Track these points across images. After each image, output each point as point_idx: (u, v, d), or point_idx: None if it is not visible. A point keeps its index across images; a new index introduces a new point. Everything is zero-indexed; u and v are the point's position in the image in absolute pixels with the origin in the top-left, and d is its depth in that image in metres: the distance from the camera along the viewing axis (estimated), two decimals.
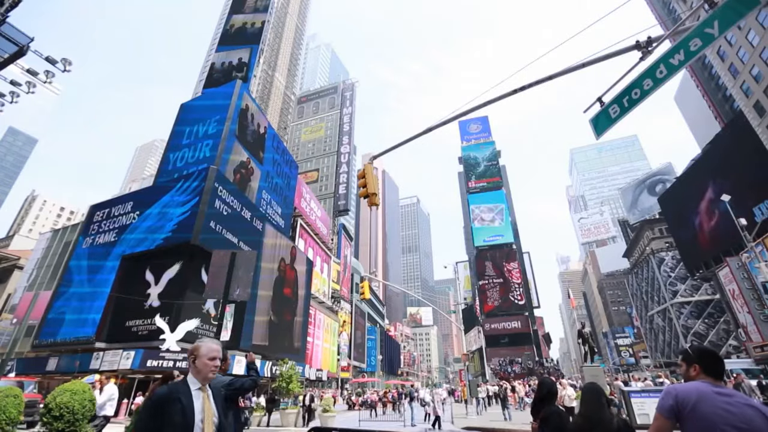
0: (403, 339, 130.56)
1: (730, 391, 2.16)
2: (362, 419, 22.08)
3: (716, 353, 2.41)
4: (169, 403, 2.27)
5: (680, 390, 2.22)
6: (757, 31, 37.89)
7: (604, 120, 6.16)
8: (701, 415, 2.07)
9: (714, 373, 2.29)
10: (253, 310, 26.83)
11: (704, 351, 2.41)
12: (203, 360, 2.47)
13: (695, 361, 2.37)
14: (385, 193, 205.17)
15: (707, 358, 2.35)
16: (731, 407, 2.04)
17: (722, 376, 2.29)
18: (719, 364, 2.31)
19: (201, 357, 2.48)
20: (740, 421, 1.98)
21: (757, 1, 5.14)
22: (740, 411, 2.02)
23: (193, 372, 2.48)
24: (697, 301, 56.62)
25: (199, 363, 2.47)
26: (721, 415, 2.02)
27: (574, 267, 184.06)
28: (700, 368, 2.33)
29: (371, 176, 8.98)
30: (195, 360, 2.47)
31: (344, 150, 77.80)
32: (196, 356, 2.48)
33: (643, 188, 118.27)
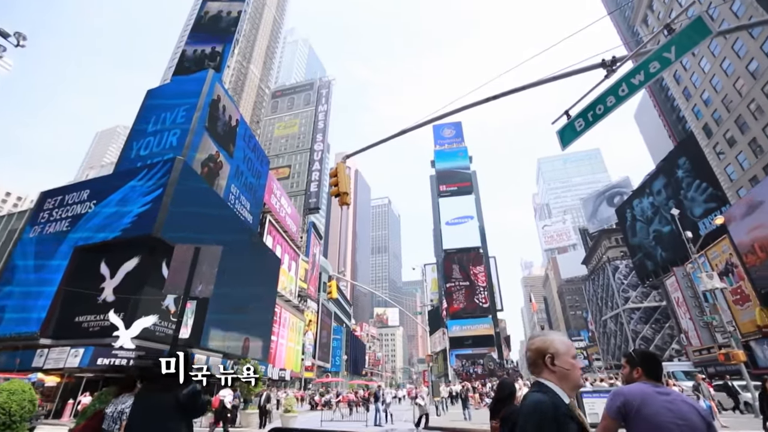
0: (369, 339, 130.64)
1: (669, 390, 2.34)
2: (324, 419, 21.91)
3: (656, 356, 2.59)
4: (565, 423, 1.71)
5: (627, 392, 2.36)
6: (708, 58, 40.82)
7: (570, 132, 6.43)
8: (646, 416, 2.21)
9: (654, 375, 2.46)
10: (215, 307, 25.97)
11: (646, 354, 2.58)
12: (567, 360, 1.86)
13: (638, 364, 2.53)
14: (356, 193, 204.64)
15: (648, 361, 2.51)
16: (671, 405, 2.21)
17: (661, 378, 2.47)
18: (659, 367, 2.49)
19: (562, 356, 1.86)
20: (678, 417, 2.15)
21: (709, 31, 5.54)
22: (678, 408, 2.20)
23: (553, 378, 1.84)
24: (646, 307, 60.24)
25: (565, 363, 1.84)
26: (665, 414, 2.18)
27: (536, 272, 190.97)
28: (642, 371, 2.50)
29: (344, 175, 8.94)
30: (554, 360, 1.85)
31: (318, 147, 76.96)
32: (554, 356, 1.85)
33: (603, 199, 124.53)
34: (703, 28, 5.46)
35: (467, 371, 52.20)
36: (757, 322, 33.18)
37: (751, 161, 36.17)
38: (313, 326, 54.55)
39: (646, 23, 52.43)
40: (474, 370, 52.54)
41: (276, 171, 70.05)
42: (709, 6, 36.96)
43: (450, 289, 67.70)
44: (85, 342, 18.87)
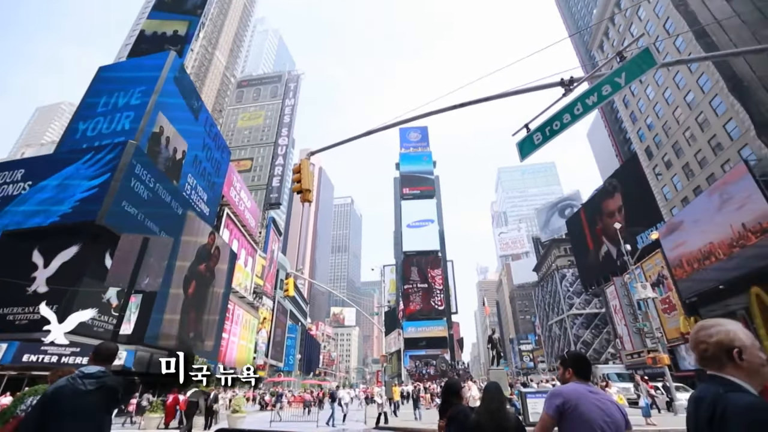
0: (324, 339, 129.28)
1: (598, 389, 2.61)
2: (274, 420, 21.42)
3: (586, 358, 2.82)
4: None
5: (566, 392, 2.56)
6: (653, 87, 44.38)
7: (528, 145, 6.76)
8: (581, 413, 2.41)
9: (584, 375, 2.68)
10: (162, 306, 24.60)
11: (576, 356, 2.79)
12: (756, 353, 1.57)
13: (570, 365, 2.74)
14: (320, 191, 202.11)
15: (579, 362, 2.73)
16: (600, 404, 2.44)
17: (590, 378, 2.70)
18: (588, 368, 2.72)
19: (749, 348, 1.58)
20: (606, 415, 2.39)
21: (655, 62, 6.05)
22: (605, 407, 2.44)
23: (742, 375, 1.56)
24: (587, 313, 64.34)
25: (755, 357, 1.56)
26: (596, 412, 2.40)
27: (491, 277, 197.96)
28: (573, 371, 2.71)
29: (307, 172, 8.83)
30: (742, 355, 1.55)
31: (282, 142, 75.19)
32: (741, 349, 1.56)
33: (555, 210, 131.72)
34: (650, 59, 5.95)
35: (420, 372, 53.10)
36: (680, 329, 36.48)
37: (684, 183, 39.77)
38: (268, 324, 53.17)
39: (601, 49, 56.15)
40: (427, 371, 53.54)
41: (237, 163, 67.67)
42: (656, 39, 40.25)
43: (407, 290, 68.59)
44: (10, 336, 17.21)
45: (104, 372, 2.75)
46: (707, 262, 32.95)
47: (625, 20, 49.14)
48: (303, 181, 8.70)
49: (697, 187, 37.21)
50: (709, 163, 36.00)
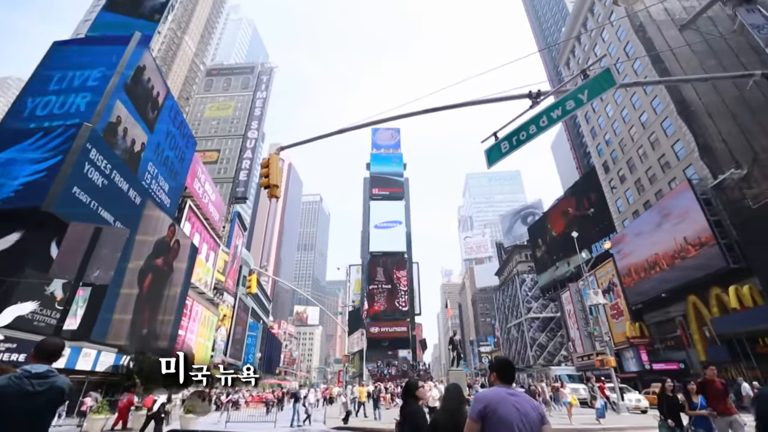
0: (286, 337, 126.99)
1: (517, 391, 2.76)
2: (229, 420, 20.79)
3: (507, 362, 2.95)
4: None
5: (487, 395, 2.75)
6: (612, 105, 47.07)
7: (496, 153, 7.00)
8: (500, 416, 2.58)
9: (506, 378, 2.84)
10: (113, 300, 23.25)
11: (498, 361, 2.96)
12: None
13: (494, 369, 2.91)
14: (288, 187, 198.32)
15: (500, 367, 2.89)
16: (518, 405, 2.62)
17: (512, 381, 2.86)
18: (509, 371, 2.87)
19: None
20: (522, 415, 2.57)
21: (614, 82, 6.44)
22: (523, 407, 2.61)
23: None
24: (544, 317, 67.18)
25: None
26: (513, 413, 2.58)
27: (455, 280, 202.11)
28: (497, 375, 2.88)
29: (276, 167, 8.67)
30: None
31: (252, 135, 73.16)
32: None
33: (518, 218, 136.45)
34: (610, 79, 6.34)
35: (381, 372, 53.34)
36: (627, 333, 38.89)
37: (635, 198, 42.47)
38: (228, 321, 51.53)
39: (568, 65, 58.91)
40: (388, 371, 53.88)
41: (203, 154, 65.15)
42: (617, 61, 42.77)
43: (372, 291, 68.76)
44: None
45: (52, 371, 2.57)
46: (653, 271, 35.35)
47: (590, 40, 51.87)
48: (271, 177, 8.53)
49: (647, 201, 39.85)
50: (658, 180, 38.64)
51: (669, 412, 7.65)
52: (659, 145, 38.31)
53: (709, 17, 32.19)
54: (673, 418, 7.60)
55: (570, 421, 16.06)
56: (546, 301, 66.76)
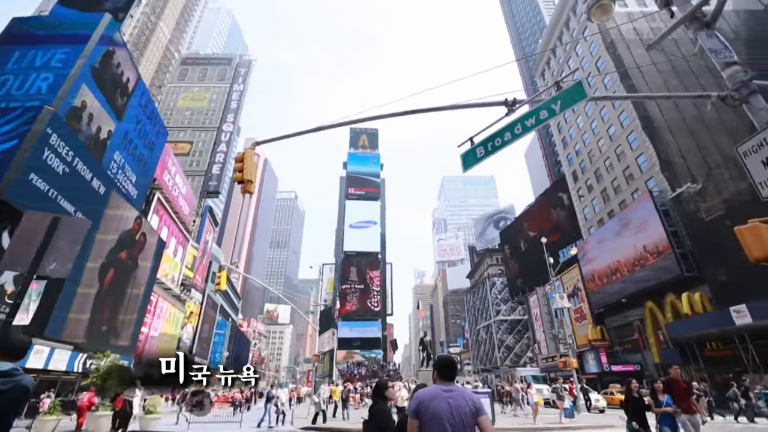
0: (256, 336, 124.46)
1: (454, 387, 2.87)
2: (193, 421, 20.12)
3: (447, 361, 3.06)
4: None
5: (421, 393, 2.89)
6: (583, 117, 48.95)
7: (471, 157, 7.16)
8: (432, 411, 2.72)
9: (445, 376, 2.96)
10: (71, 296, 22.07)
11: (440, 360, 3.09)
12: None
13: (436, 368, 3.05)
14: (263, 183, 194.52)
15: (441, 366, 3.02)
16: (451, 400, 2.74)
17: (452, 378, 2.96)
18: (448, 370, 2.98)
19: None
20: (454, 409, 2.69)
21: (585, 95, 6.73)
22: (456, 402, 2.73)
23: None
24: (512, 319, 68.98)
25: None
26: (445, 407, 2.70)
27: (427, 282, 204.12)
28: (438, 374, 3.00)
29: (251, 162, 8.51)
30: None
31: (227, 128, 71.26)
32: None
33: (491, 222, 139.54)
34: (581, 92, 6.62)
35: (351, 372, 53.20)
36: (588, 336, 40.52)
37: (601, 207, 44.36)
38: (195, 319, 49.95)
39: (543, 76, 60.83)
40: (358, 371, 53.80)
41: (174, 145, 62.93)
42: (589, 75, 44.56)
43: (345, 290, 68.49)
44: None
45: (17, 370, 2.47)
46: (614, 277, 37.01)
47: (565, 53, 53.80)
48: (245, 172, 8.37)
49: (612, 210, 41.72)
50: (622, 190, 40.53)
51: (634, 413, 7.68)
52: (624, 158, 40.19)
53: (673, 39, 34.01)
54: (639, 419, 7.60)
55: (534, 420, 16.58)
56: (515, 304, 68.60)
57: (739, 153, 4.92)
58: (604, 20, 7.34)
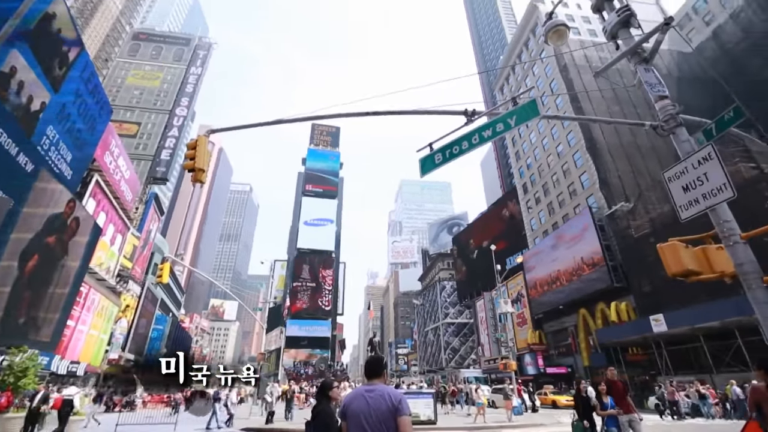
0: (198, 332, 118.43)
1: (377, 387, 2.94)
2: (123, 423, 18.75)
3: (370, 360, 3.19)
4: None
5: (347, 395, 3.01)
6: (536, 134, 51.83)
7: (430, 163, 7.37)
8: (352, 411, 2.83)
9: (369, 376, 3.09)
10: None
11: (366, 362, 3.21)
12: None
13: (365, 369, 3.16)
14: (216, 173, 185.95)
15: (367, 366, 3.15)
16: (370, 399, 2.83)
17: (375, 377, 3.06)
18: (373, 370, 3.10)
19: None
20: (372, 407, 2.77)
21: (538, 113, 7.17)
22: (375, 401, 2.81)
23: None
24: (459, 323, 71.29)
25: None
26: (363, 406, 2.80)
27: (380, 283, 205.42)
28: (365, 374, 3.13)
29: (204, 150, 8.14)
30: None
31: (180, 112, 67.23)
32: None
33: (444, 227, 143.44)
34: (535, 109, 7.05)
35: (298, 371, 52.28)
36: (528, 340, 42.89)
37: (546, 219, 47.23)
38: (131, 313, 46.56)
39: (502, 91, 63.69)
40: (305, 370, 52.98)
41: (119, 125, 58.43)
42: (543, 94, 47.34)
43: (296, 288, 67.22)
44: None
45: None
46: (554, 285, 39.50)
47: (523, 71, 56.72)
48: (197, 160, 7.98)
49: (555, 222, 44.54)
50: (566, 204, 43.42)
51: (584, 413, 7.82)
52: (570, 174, 43.10)
53: (618, 69, 36.99)
54: (588, 419, 7.76)
55: (476, 420, 17.26)
56: (462, 308, 70.99)
57: (665, 178, 5.49)
58: (559, 45, 7.86)
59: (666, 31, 5.98)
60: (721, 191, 4.68)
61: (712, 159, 4.80)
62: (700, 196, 4.93)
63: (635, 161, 37.59)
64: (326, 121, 67.11)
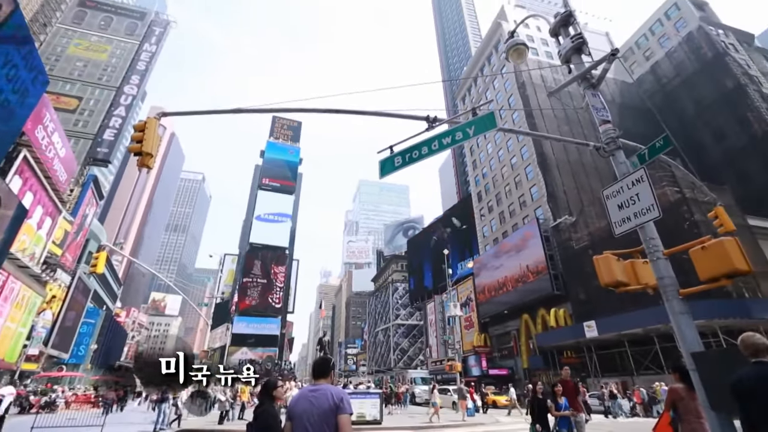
0: (135, 328, 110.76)
1: (321, 387, 3.00)
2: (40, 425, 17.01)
3: (317, 361, 3.24)
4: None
5: (292, 398, 3.06)
6: (492, 145, 54.02)
7: (389, 165, 7.46)
8: (297, 412, 2.88)
9: (315, 376, 3.14)
10: None
11: (314, 362, 3.27)
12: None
13: (312, 368, 3.22)
14: (166, 159, 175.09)
15: (315, 367, 3.20)
16: (313, 399, 2.90)
17: (321, 377, 3.11)
18: (317, 369, 3.16)
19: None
20: (316, 408, 2.83)
21: (495, 125, 7.50)
22: (318, 401, 2.87)
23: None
24: (409, 324, 72.48)
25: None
26: (307, 405, 2.87)
27: (333, 282, 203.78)
28: (312, 374, 3.19)
29: (154, 133, 7.64)
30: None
31: (129, 91, 62.36)
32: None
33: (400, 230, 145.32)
34: (493, 122, 7.37)
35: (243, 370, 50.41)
36: (474, 343, 44.51)
37: (497, 227, 49.38)
38: (57, 304, 42.49)
39: (463, 101, 65.76)
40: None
41: (57, 98, 53.28)
42: (501, 108, 49.53)
43: (246, 284, 64.89)
44: None
45: None
46: (501, 291, 41.34)
47: (485, 84, 58.98)
48: (145, 143, 7.47)
49: (506, 231, 46.70)
50: (516, 215, 45.66)
51: (539, 415, 7.69)
52: (521, 186, 45.40)
53: (569, 92, 39.71)
54: (542, 421, 7.61)
55: (431, 419, 17.62)
56: (413, 310, 72.26)
57: (604, 195, 5.98)
58: (518, 62, 8.29)
59: (612, 61, 6.52)
60: (650, 211, 5.19)
61: (644, 181, 5.31)
62: (632, 214, 5.43)
63: (580, 178, 40.47)
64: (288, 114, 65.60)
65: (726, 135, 41.04)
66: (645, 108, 50.21)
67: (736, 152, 39.37)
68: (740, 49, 46.26)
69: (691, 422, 4.56)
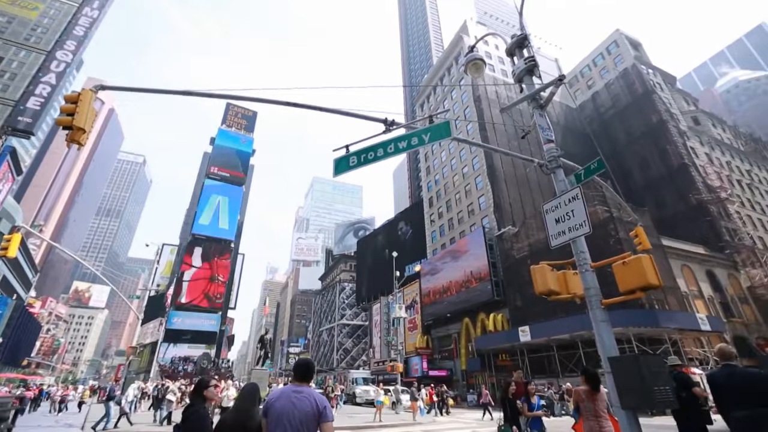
0: (52, 320, 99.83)
1: (304, 388, 3.07)
2: None
3: (301, 364, 3.31)
4: None
5: (271, 393, 3.15)
6: (446, 153, 55.65)
7: (344, 165, 7.44)
8: (275, 409, 2.93)
9: (297, 377, 3.23)
10: None
11: (296, 362, 3.36)
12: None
13: (292, 369, 3.34)
14: (101, 136, 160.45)
15: (295, 367, 3.29)
16: (296, 400, 2.96)
17: (304, 379, 3.20)
18: (300, 371, 3.24)
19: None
20: (296, 408, 2.89)
21: (450, 134, 7.74)
22: (300, 403, 2.95)
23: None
24: (354, 324, 72.45)
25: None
26: (288, 406, 2.92)
27: (279, 278, 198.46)
28: (293, 375, 3.30)
29: (88, 107, 6.95)
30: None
31: (63, 57, 56.17)
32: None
33: (351, 229, 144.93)
34: (448, 131, 7.61)
35: (176, 368, 47.50)
36: (416, 344, 45.48)
37: (446, 233, 50.97)
38: None
39: (422, 107, 67.19)
40: (184, 367, 48.39)
41: None
42: (457, 118, 51.28)
43: (185, 276, 61.08)
44: None
45: None
46: (445, 295, 42.68)
47: (443, 94, 60.69)
48: (77, 117, 6.75)
49: (453, 237, 48.32)
50: (464, 222, 47.41)
51: (512, 415, 7.74)
52: (470, 195, 47.24)
53: (519, 109, 42.16)
54: (515, 423, 7.66)
55: (378, 418, 17.65)
56: (359, 310, 72.33)
57: (544, 209, 6.41)
58: (476, 76, 8.64)
59: (559, 86, 7.01)
60: (582, 227, 5.65)
61: (579, 199, 5.77)
62: (567, 228, 5.87)
63: (524, 191, 43.02)
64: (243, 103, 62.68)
65: (649, 164, 45.79)
66: (584, 132, 54.61)
67: (656, 180, 44.17)
68: (665, 89, 51.96)
69: (588, 420, 5.09)
